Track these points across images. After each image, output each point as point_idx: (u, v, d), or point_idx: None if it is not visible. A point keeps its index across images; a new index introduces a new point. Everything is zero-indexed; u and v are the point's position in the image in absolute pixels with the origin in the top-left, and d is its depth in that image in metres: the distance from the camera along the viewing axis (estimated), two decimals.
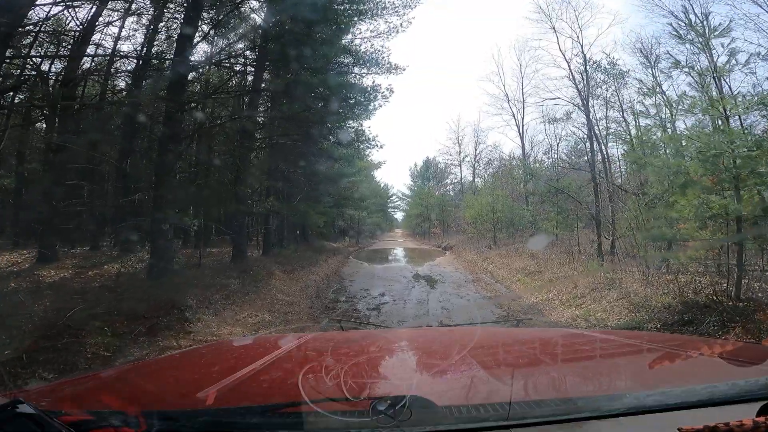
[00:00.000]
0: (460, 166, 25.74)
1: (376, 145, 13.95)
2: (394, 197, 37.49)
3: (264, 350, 1.49)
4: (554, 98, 14.14)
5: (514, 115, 18.32)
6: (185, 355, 1.94)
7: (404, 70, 11.66)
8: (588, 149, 13.03)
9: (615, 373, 1.18)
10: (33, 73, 8.58)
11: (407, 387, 1.00)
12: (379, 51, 11.48)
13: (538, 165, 17.42)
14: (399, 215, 39.60)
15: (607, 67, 12.16)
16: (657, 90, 10.12)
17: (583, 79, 12.51)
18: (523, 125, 18.12)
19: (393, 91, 11.65)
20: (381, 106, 11.95)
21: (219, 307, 6.39)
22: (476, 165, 24.46)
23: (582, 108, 12.60)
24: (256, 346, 1.74)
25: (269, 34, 9.46)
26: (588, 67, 12.39)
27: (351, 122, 12.90)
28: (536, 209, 15.06)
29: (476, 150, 24.27)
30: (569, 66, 12.95)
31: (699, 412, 0.78)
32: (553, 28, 13.23)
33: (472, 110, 28.97)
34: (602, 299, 6.48)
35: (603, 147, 13.42)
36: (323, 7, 8.87)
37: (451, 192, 28.58)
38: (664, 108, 10.49)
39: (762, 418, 0.63)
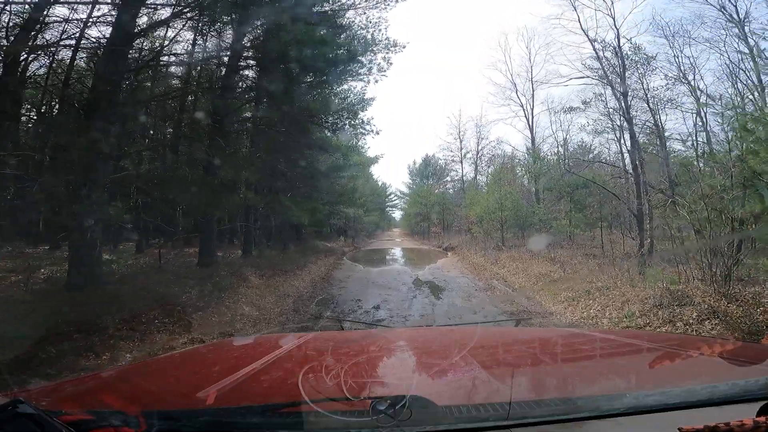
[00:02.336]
0: (461, 162, 25.22)
1: (372, 131, 12.67)
2: (392, 195, 37.39)
3: (264, 350, 1.50)
4: (581, 77, 12.72)
5: (522, 106, 17.69)
6: (185, 355, 1.94)
7: (404, 47, 10.47)
8: (625, 137, 11.60)
9: (615, 373, 1.18)
10: None
11: (407, 387, 1.00)
12: (376, 24, 10.12)
13: (554, 158, 16.30)
14: (397, 214, 39.56)
15: (629, 53, 11.06)
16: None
17: (617, 57, 11.11)
18: (532, 117, 17.53)
19: (391, 63, 10.57)
20: (377, 81, 10.77)
21: (154, 327, 5.10)
22: (478, 161, 24.01)
23: (617, 89, 11.14)
24: (256, 345, 1.74)
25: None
26: (621, 43, 11.00)
27: (346, 113, 11.80)
28: (548, 207, 14.23)
29: (478, 146, 23.84)
30: (593, 46, 11.65)
31: (699, 412, 0.79)
32: (574, 7, 12.17)
33: (474, 105, 28.63)
34: (676, 319, 5.00)
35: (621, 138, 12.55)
36: None
37: (451, 190, 28.21)
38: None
39: (762, 418, 0.63)
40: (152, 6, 8.26)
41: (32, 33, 7.52)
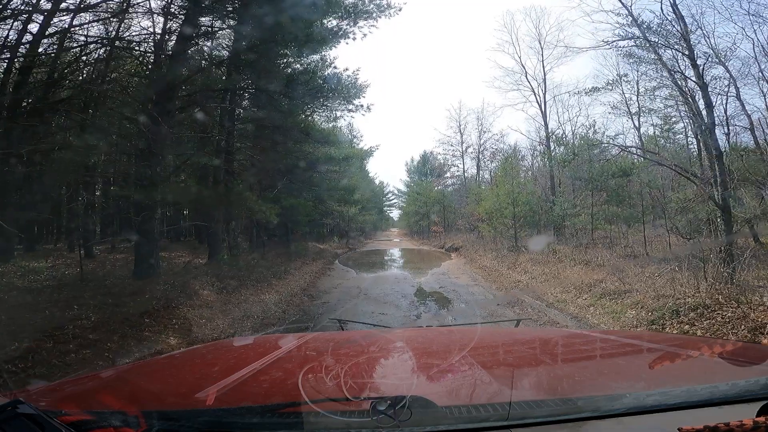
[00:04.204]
0: (462, 157, 24.37)
1: (362, 106, 11.20)
2: (390, 195, 37.05)
3: (264, 350, 1.50)
4: (626, 37, 9.44)
5: (534, 90, 16.65)
6: (185, 355, 1.94)
7: (400, 10, 9.21)
8: (699, 106, 8.52)
9: (615, 373, 1.18)
10: None
11: (407, 387, 1.00)
12: None
13: (581, 142, 14.31)
14: (395, 214, 39.35)
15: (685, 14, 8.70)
16: None
17: (673, 14, 8.41)
18: (545, 101, 16.52)
19: (383, 12, 9.21)
20: (365, 35, 9.43)
21: None
22: (480, 156, 23.25)
23: (678, 50, 8.43)
24: (256, 346, 1.74)
25: None
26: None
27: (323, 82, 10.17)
28: (568, 199, 13.20)
29: (480, 139, 23.04)
30: (629, 11, 9.07)
31: (699, 412, 0.79)
32: None
33: (475, 98, 27.91)
34: None
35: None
36: None
37: (451, 188, 27.61)
38: None
39: (762, 418, 0.63)
40: None
41: None
